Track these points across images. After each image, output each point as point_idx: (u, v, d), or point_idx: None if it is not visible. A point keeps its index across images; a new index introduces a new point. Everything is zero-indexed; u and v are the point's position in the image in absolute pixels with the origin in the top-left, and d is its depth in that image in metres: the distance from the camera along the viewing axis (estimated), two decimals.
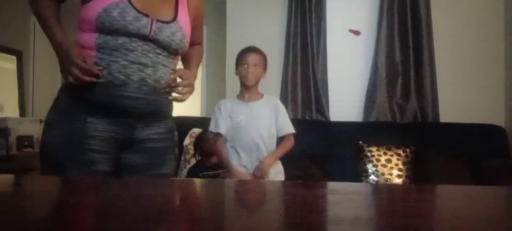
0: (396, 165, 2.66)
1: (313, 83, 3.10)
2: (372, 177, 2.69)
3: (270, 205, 0.63)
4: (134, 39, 1.12)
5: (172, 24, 1.19)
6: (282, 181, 1.80)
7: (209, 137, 2.53)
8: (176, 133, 1.33)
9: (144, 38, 1.13)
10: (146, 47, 1.14)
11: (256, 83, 1.94)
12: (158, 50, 1.17)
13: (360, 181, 2.69)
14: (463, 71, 3.05)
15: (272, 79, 3.18)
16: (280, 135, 1.97)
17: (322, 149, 2.84)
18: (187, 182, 1.19)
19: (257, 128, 1.90)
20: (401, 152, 2.71)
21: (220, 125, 1.91)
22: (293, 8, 3.13)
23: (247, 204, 0.64)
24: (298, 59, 3.13)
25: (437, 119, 2.98)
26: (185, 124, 3.00)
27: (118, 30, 1.09)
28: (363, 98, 3.11)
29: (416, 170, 2.66)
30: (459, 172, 2.53)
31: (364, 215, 0.58)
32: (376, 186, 1.37)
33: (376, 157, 2.71)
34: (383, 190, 0.86)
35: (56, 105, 1.18)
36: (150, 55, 1.15)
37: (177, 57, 1.28)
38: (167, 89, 1.23)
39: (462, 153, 2.64)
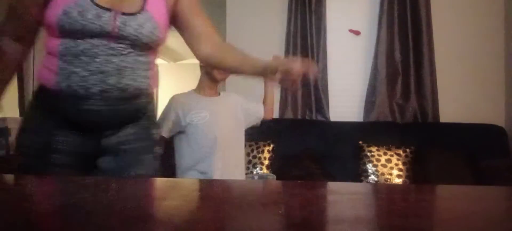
0: (396, 165, 2.66)
1: (313, 83, 3.10)
2: (372, 177, 2.69)
3: (270, 205, 0.63)
4: (97, 41, 1.02)
5: (139, 15, 1.06)
6: (282, 181, 1.79)
7: None
8: (155, 131, 1.22)
9: (109, 36, 1.03)
10: (111, 51, 1.03)
11: (224, 79, 1.87)
12: (125, 51, 1.06)
13: (360, 181, 2.69)
14: (463, 71, 3.05)
15: None
16: (260, 116, 1.92)
17: (322, 149, 2.84)
18: (187, 182, 1.19)
19: (221, 125, 1.75)
20: (401, 152, 2.71)
21: (174, 128, 1.76)
22: (293, 7, 3.13)
23: (247, 204, 0.64)
24: None
25: (437, 119, 2.98)
26: None
27: (79, 31, 1.00)
28: (363, 98, 3.11)
29: (416, 170, 2.66)
30: (459, 172, 2.53)
31: (364, 215, 0.58)
32: (376, 186, 1.37)
33: (376, 157, 2.71)
34: (383, 190, 0.86)
35: (28, 112, 1.14)
36: (114, 60, 1.04)
37: (153, 52, 1.16)
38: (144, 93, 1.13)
39: (462, 153, 2.64)
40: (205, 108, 1.75)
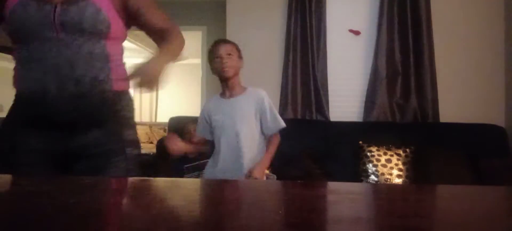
0: (396, 165, 2.66)
1: (313, 83, 3.10)
2: (372, 177, 2.69)
3: (270, 205, 0.63)
4: (44, 37, 1.05)
5: (79, 2, 1.07)
6: (282, 181, 1.79)
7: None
8: (128, 132, 1.20)
9: (51, 27, 1.05)
10: (61, 43, 1.05)
11: (236, 74, 1.76)
12: (76, 42, 1.06)
13: (360, 181, 2.69)
14: (463, 71, 3.05)
15: (272, 79, 3.18)
16: (270, 133, 1.79)
17: (322, 149, 2.84)
18: (187, 182, 1.19)
19: (234, 126, 1.72)
20: (401, 152, 2.71)
21: (206, 133, 1.85)
22: (293, 8, 3.13)
23: (247, 204, 0.64)
24: (298, 59, 3.13)
25: (437, 119, 2.98)
26: (182, 123, 3.00)
27: (24, 27, 1.05)
28: (363, 98, 3.11)
29: (416, 170, 2.66)
30: (459, 172, 2.53)
31: (364, 215, 0.58)
32: (376, 186, 1.37)
33: (376, 157, 2.71)
34: (383, 190, 0.86)
35: (7, 114, 1.19)
36: (66, 52, 1.06)
37: (111, 44, 1.14)
38: (100, 87, 1.11)
39: (462, 153, 2.63)
40: (221, 112, 1.78)
